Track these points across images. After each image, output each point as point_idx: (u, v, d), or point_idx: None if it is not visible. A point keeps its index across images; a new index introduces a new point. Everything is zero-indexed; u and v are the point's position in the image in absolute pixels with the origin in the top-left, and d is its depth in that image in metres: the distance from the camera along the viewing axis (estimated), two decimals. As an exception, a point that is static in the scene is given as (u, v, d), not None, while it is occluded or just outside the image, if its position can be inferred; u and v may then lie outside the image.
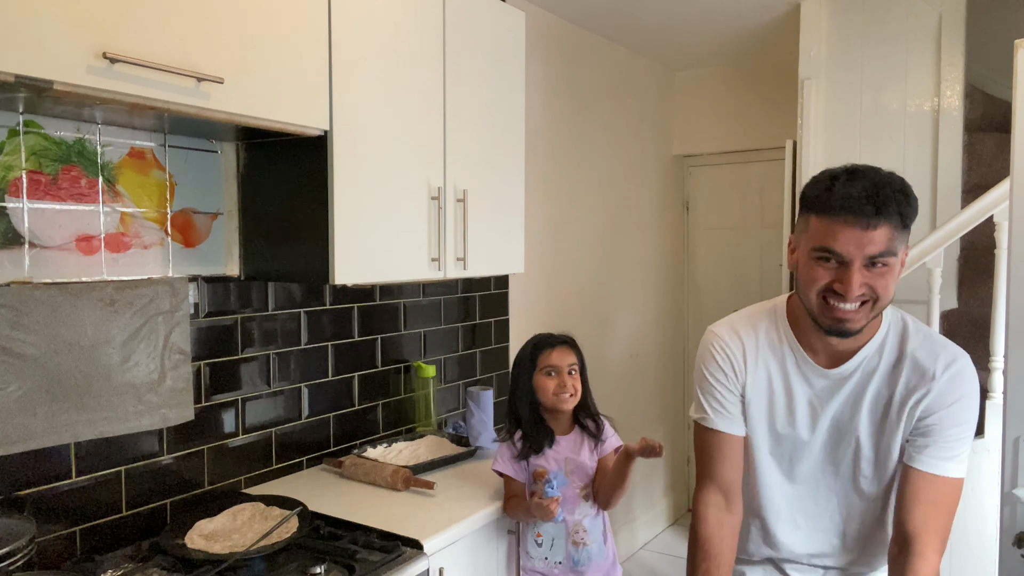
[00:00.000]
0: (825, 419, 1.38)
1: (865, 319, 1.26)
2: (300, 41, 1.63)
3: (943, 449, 1.29)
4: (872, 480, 1.39)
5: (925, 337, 1.34)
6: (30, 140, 1.52)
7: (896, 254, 1.22)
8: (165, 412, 1.72)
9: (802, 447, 1.41)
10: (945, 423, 1.29)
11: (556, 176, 3.23)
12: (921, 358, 1.31)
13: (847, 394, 1.36)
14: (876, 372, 1.34)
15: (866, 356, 1.34)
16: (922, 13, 2.96)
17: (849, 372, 1.35)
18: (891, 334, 1.35)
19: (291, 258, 1.85)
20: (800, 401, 1.39)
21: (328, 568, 1.51)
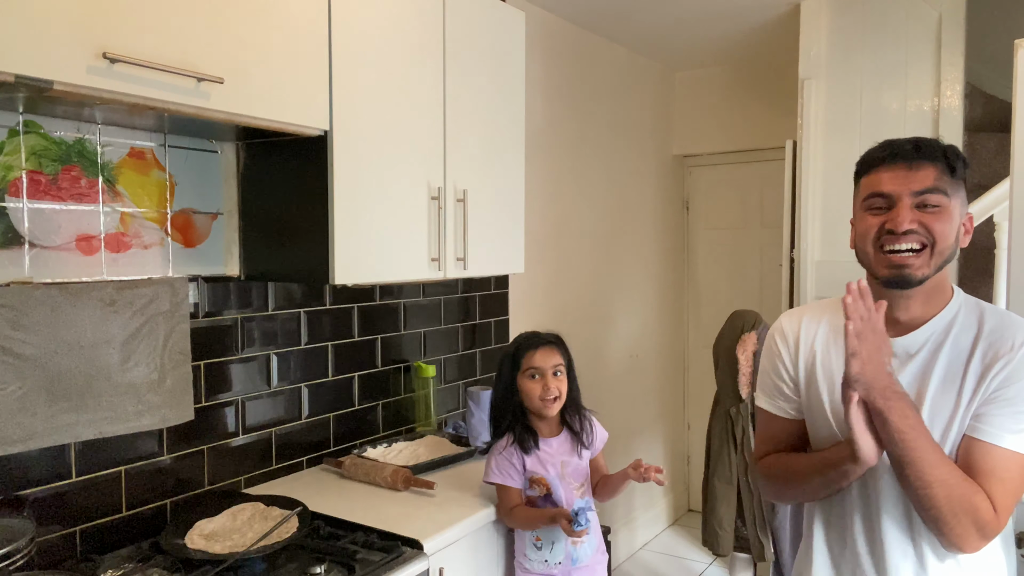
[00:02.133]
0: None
1: (926, 267, 1.22)
2: (300, 41, 1.63)
3: (1015, 420, 1.18)
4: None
5: (1003, 315, 1.27)
6: (30, 140, 1.52)
7: (947, 194, 1.22)
8: (165, 412, 1.72)
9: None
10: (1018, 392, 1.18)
11: (556, 176, 3.23)
12: (1001, 332, 1.22)
13: (916, 370, 1.26)
14: (944, 346, 1.25)
15: (935, 329, 1.26)
16: (922, 13, 2.96)
17: (917, 345, 1.26)
18: (964, 310, 1.28)
19: (291, 258, 1.85)
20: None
21: (328, 568, 1.51)
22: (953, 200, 1.23)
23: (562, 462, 1.86)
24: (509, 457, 1.84)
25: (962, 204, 1.25)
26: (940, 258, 1.23)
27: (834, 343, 1.35)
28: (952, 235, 1.23)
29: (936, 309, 1.27)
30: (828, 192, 3.16)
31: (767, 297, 4.04)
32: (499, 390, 1.89)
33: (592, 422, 1.95)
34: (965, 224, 1.27)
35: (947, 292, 1.29)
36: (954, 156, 1.23)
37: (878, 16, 3.03)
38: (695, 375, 4.37)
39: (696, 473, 4.11)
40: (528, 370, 1.84)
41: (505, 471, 1.83)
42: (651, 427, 4.10)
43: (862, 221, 1.29)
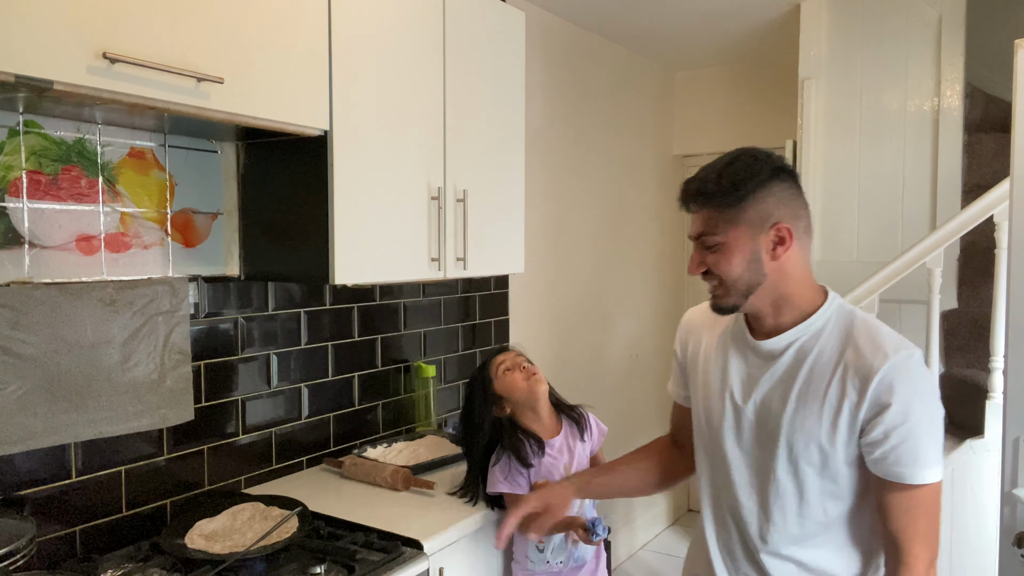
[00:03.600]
0: (754, 401, 1.28)
1: (728, 297, 1.26)
2: (300, 41, 1.63)
3: (900, 449, 1.17)
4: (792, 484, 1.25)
5: (870, 329, 1.23)
6: (30, 140, 1.52)
7: (721, 231, 1.23)
8: (165, 412, 1.72)
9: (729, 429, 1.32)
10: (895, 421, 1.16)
11: (556, 176, 3.23)
12: (863, 353, 1.20)
13: (780, 372, 1.26)
14: (811, 357, 1.24)
15: (799, 336, 1.25)
16: (922, 13, 2.96)
17: (780, 348, 1.26)
18: (835, 321, 1.25)
19: (291, 258, 1.85)
20: (734, 376, 1.32)
21: (328, 568, 1.52)
22: (735, 231, 1.22)
23: (564, 465, 1.85)
24: (512, 464, 1.80)
25: (751, 226, 1.22)
26: (737, 288, 1.24)
27: (716, 344, 1.38)
28: (739, 265, 1.23)
29: (797, 317, 1.26)
30: (828, 192, 3.16)
31: (767, 297, 4.04)
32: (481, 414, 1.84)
33: (588, 416, 1.95)
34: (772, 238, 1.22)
35: (805, 302, 1.26)
36: (728, 192, 1.22)
37: (878, 16, 3.03)
38: (695, 375, 4.36)
39: (696, 473, 4.10)
40: (501, 366, 1.85)
41: (512, 479, 1.80)
42: (651, 427, 4.09)
43: None
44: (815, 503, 1.25)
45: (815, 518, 1.26)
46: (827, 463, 1.22)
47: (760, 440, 1.28)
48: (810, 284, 1.28)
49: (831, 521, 1.26)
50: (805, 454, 1.23)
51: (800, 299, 1.26)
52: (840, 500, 1.25)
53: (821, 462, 1.22)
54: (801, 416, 1.23)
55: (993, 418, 2.43)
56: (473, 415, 1.86)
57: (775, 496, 1.27)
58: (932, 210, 2.96)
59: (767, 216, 1.22)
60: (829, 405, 1.20)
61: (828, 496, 1.25)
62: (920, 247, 2.51)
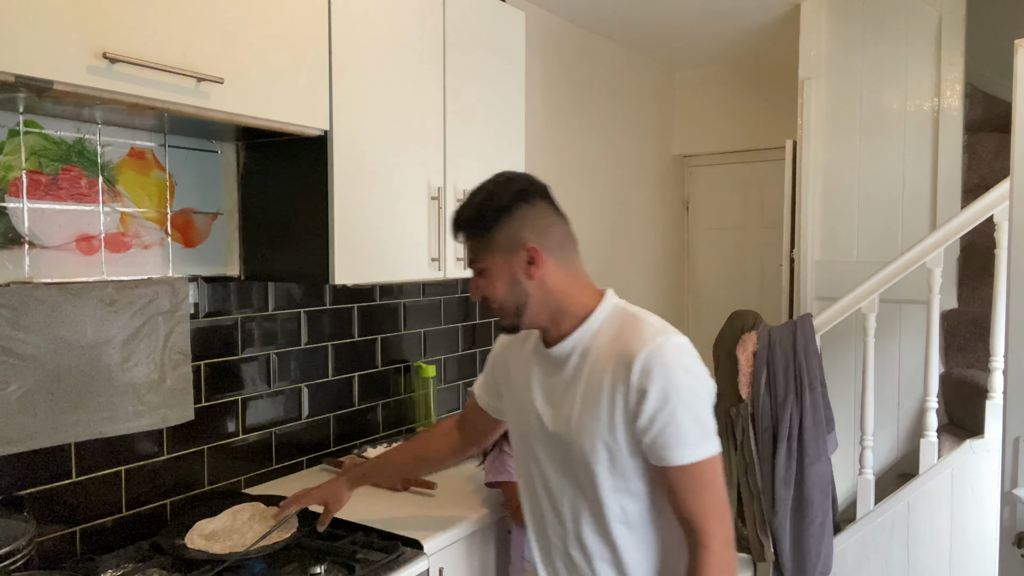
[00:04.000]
0: (552, 407, 1.32)
1: (502, 318, 1.33)
2: (300, 41, 1.63)
3: (666, 433, 1.19)
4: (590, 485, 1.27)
5: (635, 322, 1.28)
6: (30, 140, 1.52)
7: (481, 258, 1.29)
8: (165, 412, 1.72)
9: (535, 438, 1.36)
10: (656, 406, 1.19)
11: (556, 176, 3.23)
12: (627, 344, 1.24)
13: (567, 377, 1.30)
14: (590, 357, 1.28)
15: (579, 341, 1.29)
16: (922, 13, 2.96)
17: (565, 354, 1.31)
18: (609, 321, 1.30)
19: (291, 258, 1.85)
20: (537, 385, 1.36)
21: (328, 568, 1.51)
22: (491, 257, 1.29)
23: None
24: (505, 452, 1.83)
25: (504, 251, 1.27)
26: (507, 310, 1.30)
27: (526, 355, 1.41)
28: (503, 288, 1.29)
29: (575, 323, 1.31)
30: (828, 192, 3.16)
31: (767, 297, 4.04)
32: None
33: None
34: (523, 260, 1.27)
35: (580, 308, 1.31)
36: (480, 220, 1.28)
37: (878, 16, 3.03)
38: (695, 375, 4.37)
39: (696, 473, 4.10)
40: None
41: (508, 467, 1.82)
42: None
43: None
44: (611, 503, 1.27)
45: (616, 517, 1.27)
46: (615, 460, 1.25)
47: (562, 445, 1.30)
48: (582, 291, 1.33)
49: (632, 520, 1.28)
50: (594, 454, 1.25)
51: (574, 307, 1.31)
52: (635, 497, 1.27)
53: (609, 460, 1.25)
54: (587, 416, 1.26)
55: (993, 418, 2.43)
56: None
57: (581, 498, 1.29)
58: (932, 210, 2.96)
59: (515, 240, 1.27)
60: (606, 401, 1.24)
61: (623, 494, 1.27)
62: (920, 247, 2.51)
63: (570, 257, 1.34)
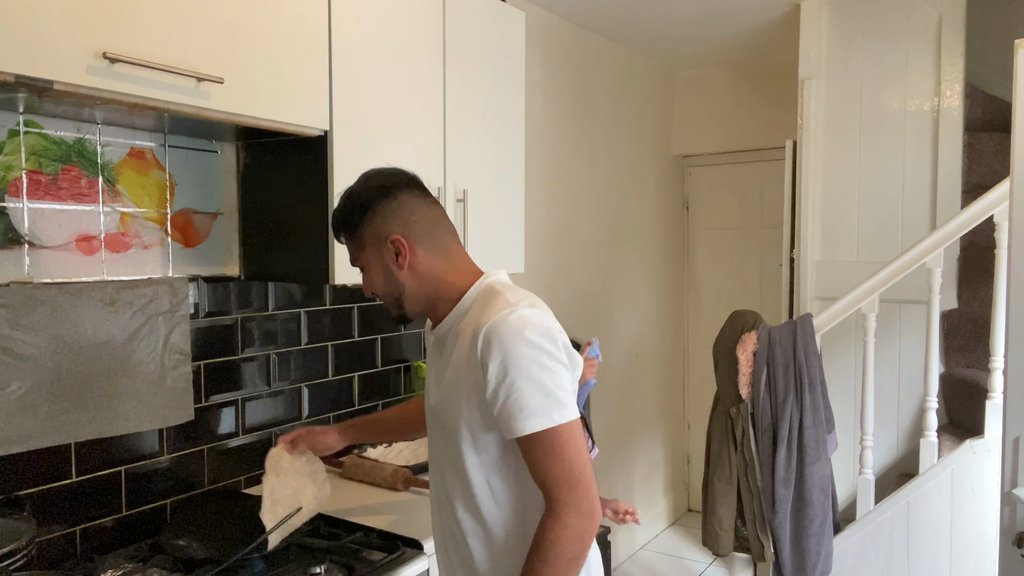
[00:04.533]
0: (437, 389, 1.35)
1: (390, 308, 1.38)
2: (300, 41, 1.63)
3: (510, 403, 1.19)
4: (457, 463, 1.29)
5: (491, 297, 1.29)
6: (30, 140, 1.52)
7: (357, 253, 1.35)
8: (165, 412, 1.72)
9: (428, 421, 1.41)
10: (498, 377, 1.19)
11: (556, 176, 3.23)
12: (478, 320, 1.25)
13: (448, 356, 1.32)
14: (459, 337, 1.29)
15: (454, 319, 1.32)
16: (922, 13, 2.96)
17: (443, 334, 1.34)
18: (479, 300, 1.31)
19: (291, 258, 1.85)
20: (430, 369, 1.41)
21: (328, 568, 1.51)
22: (365, 251, 1.33)
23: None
24: None
25: (373, 245, 1.32)
26: (389, 301, 1.36)
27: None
28: (379, 281, 1.34)
29: (450, 307, 1.34)
30: (828, 192, 3.16)
31: (767, 297, 4.05)
32: None
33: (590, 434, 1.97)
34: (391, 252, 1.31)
35: (455, 292, 1.34)
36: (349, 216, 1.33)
37: (878, 16, 3.03)
38: (695, 375, 4.37)
39: (696, 473, 4.11)
40: None
41: None
42: (651, 427, 4.10)
43: None
44: (478, 479, 1.28)
45: (483, 494, 1.28)
46: (475, 436, 1.26)
47: (439, 422, 1.34)
48: (458, 274, 1.35)
49: (499, 496, 1.28)
50: (458, 431, 1.27)
51: (448, 290, 1.34)
52: (498, 472, 1.27)
53: (471, 436, 1.26)
54: (451, 394, 1.28)
55: (993, 418, 2.43)
56: None
57: (450, 477, 1.32)
58: (932, 210, 2.96)
59: (380, 234, 1.31)
60: (464, 377, 1.25)
61: (488, 469, 1.27)
62: (920, 247, 2.51)
63: (442, 242, 1.35)
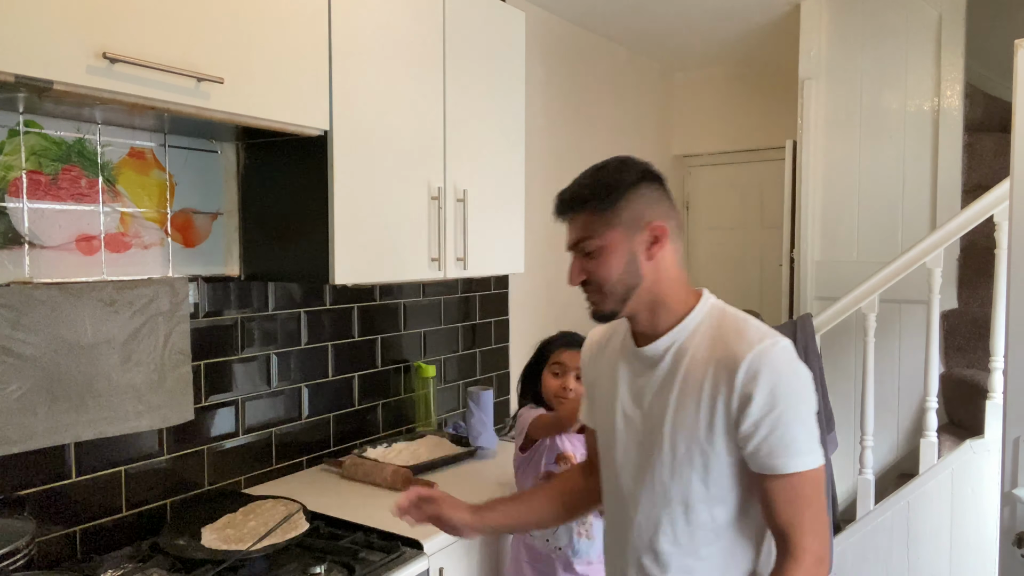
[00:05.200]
0: (642, 409, 1.27)
1: (604, 302, 1.26)
2: (300, 41, 1.63)
3: (771, 440, 1.14)
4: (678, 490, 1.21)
5: (737, 324, 1.23)
6: (30, 140, 1.52)
7: (598, 235, 1.23)
8: (165, 412, 1.72)
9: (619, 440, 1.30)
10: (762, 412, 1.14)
11: (556, 176, 3.23)
12: (730, 348, 1.18)
13: (660, 376, 1.24)
14: (686, 358, 1.22)
15: (676, 339, 1.24)
16: (922, 13, 2.96)
17: (659, 354, 1.25)
18: (707, 321, 1.25)
19: (291, 258, 1.85)
20: (623, 387, 1.31)
21: (328, 568, 1.51)
22: (610, 234, 1.23)
23: (583, 453, 1.86)
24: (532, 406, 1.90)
25: (627, 227, 1.23)
26: (616, 292, 1.24)
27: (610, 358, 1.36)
28: (617, 267, 1.23)
29: (672, 321, 1.25)
30: (828, 192, 3.16)
31: (767, 297, 4.04)
32: (527, 372, 1.95)
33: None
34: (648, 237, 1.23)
35: (679, 304, 1.26)
36: (604, 191, 1.24)
37: (878, 16, 3.03)
38: (695, 375, 4.37)
39: (696, 473, 4.10)
40: (553, 365, 1.86)
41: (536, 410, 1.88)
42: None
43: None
44: (701, 509, 1.21)
45: (703, 525, 1.22)
46: (708, 465, 1.19)
47: (646, 448, 1.25)
48: (684, 287, 1.28)
49: (720, 528, 1.22)
50: (687, 457, 1.20)
51: (675, 302, 1.26)
52: (725, 504, 1.21)
53: (703, 464, 1.19)
54: (681, 418, 1.20)
55: (993, 418, 2.43)
56: (529, 372, 1.95)
57: (663, 505, 1.23)
58: (932, 210, 2.96)
59: (640, 216, 1.23)
60: (704, 404, 1.18)
61: (714, 501, 1.21)
62: (920, 247, 2.51)
63: (679, 250, 1.28)
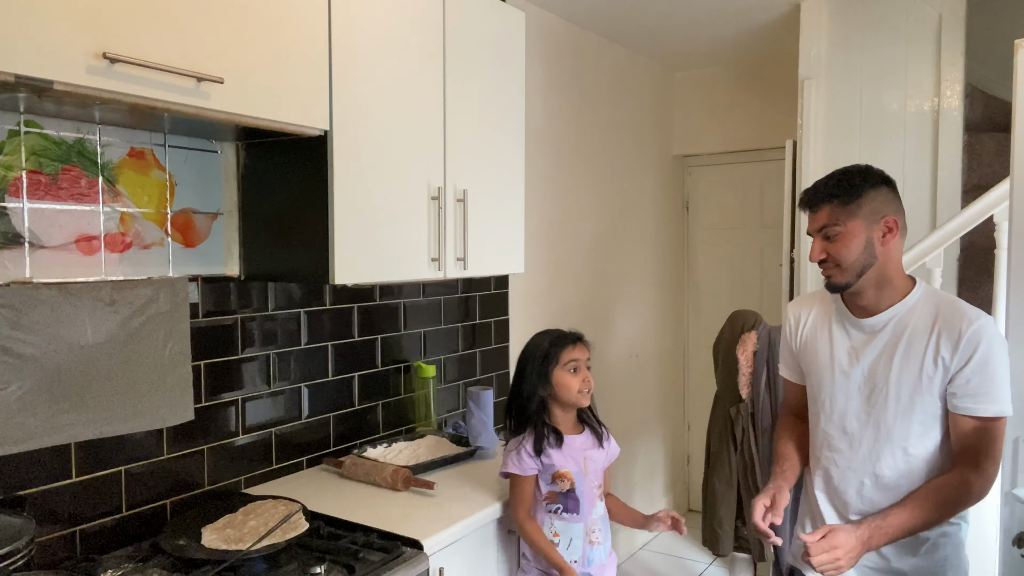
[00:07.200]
0: (861, 367, 1.63)
1: (842, 276, 1.59)
2: (300, 41, 1.63)
3: (979, 391, 1.51)
4: (901, 430, 1.59)
5: (953, 303, 1.58)
6: (30, 140, 1.52)
7: (840, 223, 1.58)
8: (165, 412, 1.72)
9: (840, 391, 1.66)
10: (976, 369, 1.51)
11: (556, 176, 3.23)
12: (951, 320, 1.54)
13: (881, 346, 1.61)
14: (908, 329, 1.58)
15: (896, 314, 1.60)
16: (922, 13, 2.96)
17: (881, 325, 1.61)
18: (924, 300, 1.60)
19: (291, 258, 1.85)
20: (840, 349, 1.67)
21: (328, 568, 1.52)
22: (852, 222, 1.58)
23: (584, 458, 1.86)
24: (529, 450, 1.82)
25: (866, 218, 1.58)
26: (852, 269, 1.58)
27: (820, 326, 1.74)
28: (855, 250, 1.57)
29: (895, 298, 1.61)
30: (828, 192, 3.15)
31: (767, 297, 4.05)
32: (528, 385, 1.86)
33: (607, 431, 1.96)
34: (883, 227, 1.58)
35: (901, 285, 1.62)
36: (836, 189, 1.59)
37: (878, 16, 3.03)
38: (695, 375, 4.37)
39: (696, 473, 4.11)
40: (569, 363, 1.84)
41: (525, 462, 1.81)
42: (651, 427, 4.10)
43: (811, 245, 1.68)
44: (915, 443, 1.58)
45: (917, 455, 1.58)
46: (926, 409, 1.57)
47: (870, 397, 1.62)
48: (903, 272, 1.64)
49: (928, 455, 1.59)
50: (909, 404, 1.57)
51: (898, 281, 1.62)
52: (932, 439, 1.58)
53: (922, 409, 1.57)
54: (907, 374, 1.57)
55: (993, 418, 2.43)
56: (524, 384, 1.87)
57: (885, 440, 1.60)
58: (932, 210, 2.96)
59: (878, 210, 1.58)
60: (928, 362, 1.55)
61: (925, 437, 1.58)
62: (920, 247, 2.51)
63: (903, 244, 1.63)
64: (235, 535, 1.63)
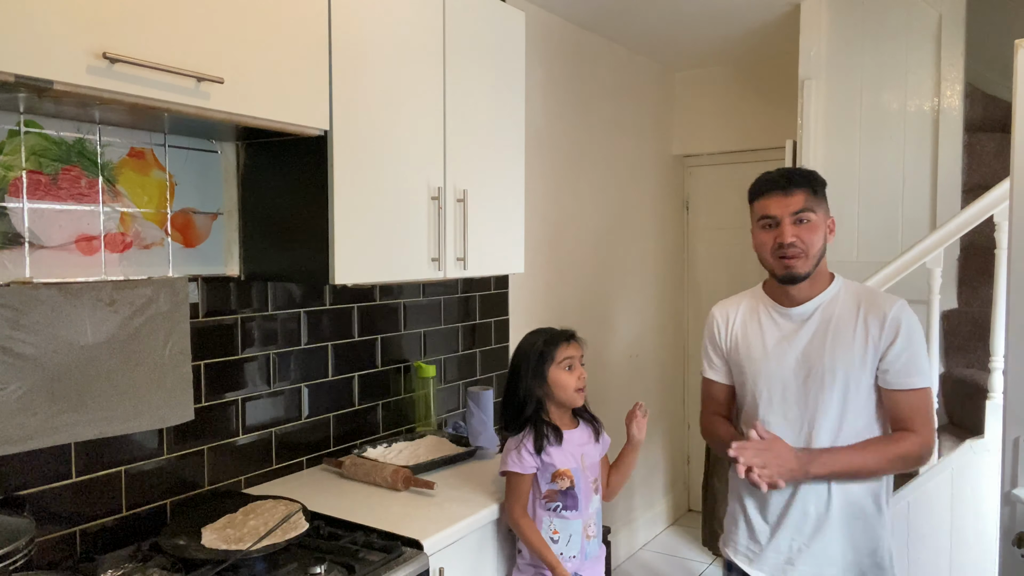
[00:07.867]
0: (795, 352, 1.74)
1: (805, 266, 1.68)
2: (300, 41, 1.63)
3: (909, 367, 1.67)
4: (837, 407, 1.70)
5: (871, 291, 1.76)
6: (30, 140, 1.52)
7: (815, 212, 1.68)
8: (165, 412, 1.72)
9: (776, 377, 1.75)
10: (903, 346, 1.66)
11: (556, 176, 3.23)
12: (873, 304, 1.70)
13: (812, 331, 1.73)
14: (834, 315, 1.72)
15: (822, 301, 1.74)
16: (922, 13, 2.96)
17: (808, 313, 1.74)
18: (844, 290, 1.75)
19: (291, 258, 1.85)
20: (772, 338, 1.78)
21: (328, 568, 1.51)
22: (820, 210, 1.70)
23: (582, 454, 1.87)
24: (530, 448, 1.82)
25: (825, 212, 1.72)
26: (813, 258, 1.69)
27: (749, 321, 1.83)
28: (819, 240, 1.69)
29: (818, 289, 1.74)
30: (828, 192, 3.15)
31: (767, 297, 4.04)
32: (524, 385, 1.86)
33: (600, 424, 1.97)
34: (829, 226, 1.73)
35: (827, 277, 1.77)
36: (813, 180, 1.71)
37: (878, 16, 3.03)
38: (695, 375, 4.37)
39: (696, 473, 4.11)
40: (564, 361, 1.85)
41: (526, 460, 1.82)
42: (651, 427, 4.07)
43: (759, 236, 1.75)
44: (851, 418, 1.70)
45: (850, 430, 1.70)
46: (859, 386, 1.69)
47: (807, 381, 1.71)
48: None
49: (860, 428, 1.70)
50: (843, 383, 1.68)
51: (825, 275, 1.76)
52: (864, 415, 1.71)
53: (855, 387, 1.69)
54: (840, 353, 1.69)
55: (993, 418, 2.43)
56: (519, 384, 1.86)
57: (822, 416, 1.70)
58: (932, 210, 2.96)
59: (827, 210, 1.74)
60: (858, 343, 1.68)
61: (858, 411, 1.70)
62: (920, 247, 2.51)
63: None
64: (235, 535, 1.63)
